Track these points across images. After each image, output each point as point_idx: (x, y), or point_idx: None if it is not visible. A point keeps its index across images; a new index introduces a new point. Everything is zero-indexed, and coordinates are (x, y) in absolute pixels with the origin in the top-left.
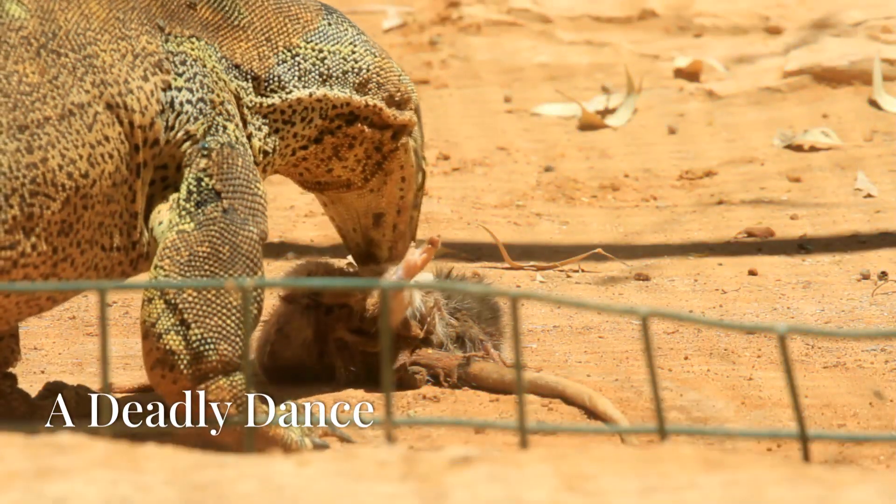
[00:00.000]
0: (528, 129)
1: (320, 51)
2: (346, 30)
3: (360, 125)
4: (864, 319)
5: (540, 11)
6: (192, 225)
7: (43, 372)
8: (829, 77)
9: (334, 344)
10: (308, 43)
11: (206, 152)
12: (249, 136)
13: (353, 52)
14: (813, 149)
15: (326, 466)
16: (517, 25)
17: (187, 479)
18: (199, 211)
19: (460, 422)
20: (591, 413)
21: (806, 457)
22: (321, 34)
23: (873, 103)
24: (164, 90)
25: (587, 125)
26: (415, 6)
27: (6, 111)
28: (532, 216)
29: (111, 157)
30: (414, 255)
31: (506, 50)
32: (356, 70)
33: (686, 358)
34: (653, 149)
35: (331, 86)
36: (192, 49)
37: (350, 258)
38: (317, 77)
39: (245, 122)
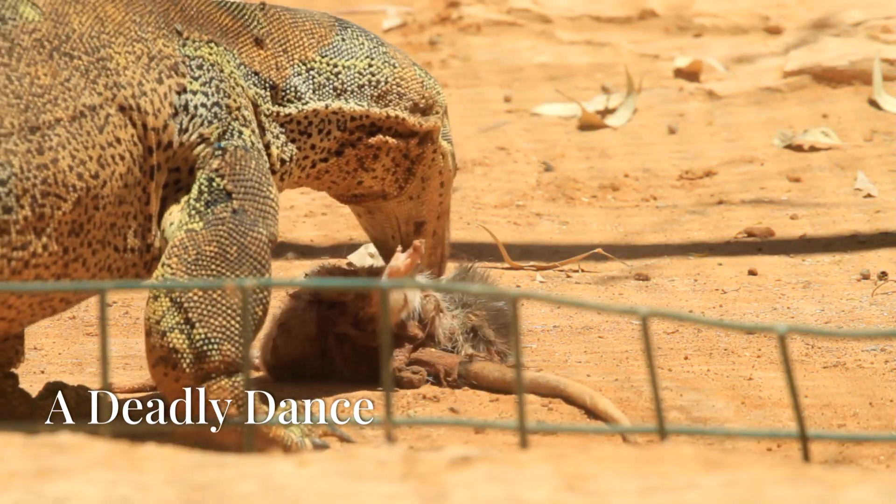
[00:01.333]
0: (528, 129)
1: (334, 66)
2: (363, 44)
3: (382, 136)
4: (864, 319)
5: (540, 11)
6: (200, 224)
7: (43, 372)
8: (829, 77)
9: (335, 339)
10: (323, 57)
11: (219, 153)
12: (268, 145)
13: (370, 66)
14: (813, 149)
15: (326, 466)
16: (517, 25)
17: (187, 479)
18: (209, 210)
19: (460, 422)
20: (592, 413)
21: (806, 457)
22: (335, 49)
23: (873, 103)
24: (178, 93)
25: (587, 125)
26: (415, 6)
27: (18, 113)
28: (532, 216)
29: (122, 158)
30: (398, 260)
31: (506, 50)
32: (373, 83)
33: (686, 358)
34: (653, 149)
35: (346, 99)
36: (210, 54)
37: (350, 258)
38: (331, 91)
39: (263, 130)
